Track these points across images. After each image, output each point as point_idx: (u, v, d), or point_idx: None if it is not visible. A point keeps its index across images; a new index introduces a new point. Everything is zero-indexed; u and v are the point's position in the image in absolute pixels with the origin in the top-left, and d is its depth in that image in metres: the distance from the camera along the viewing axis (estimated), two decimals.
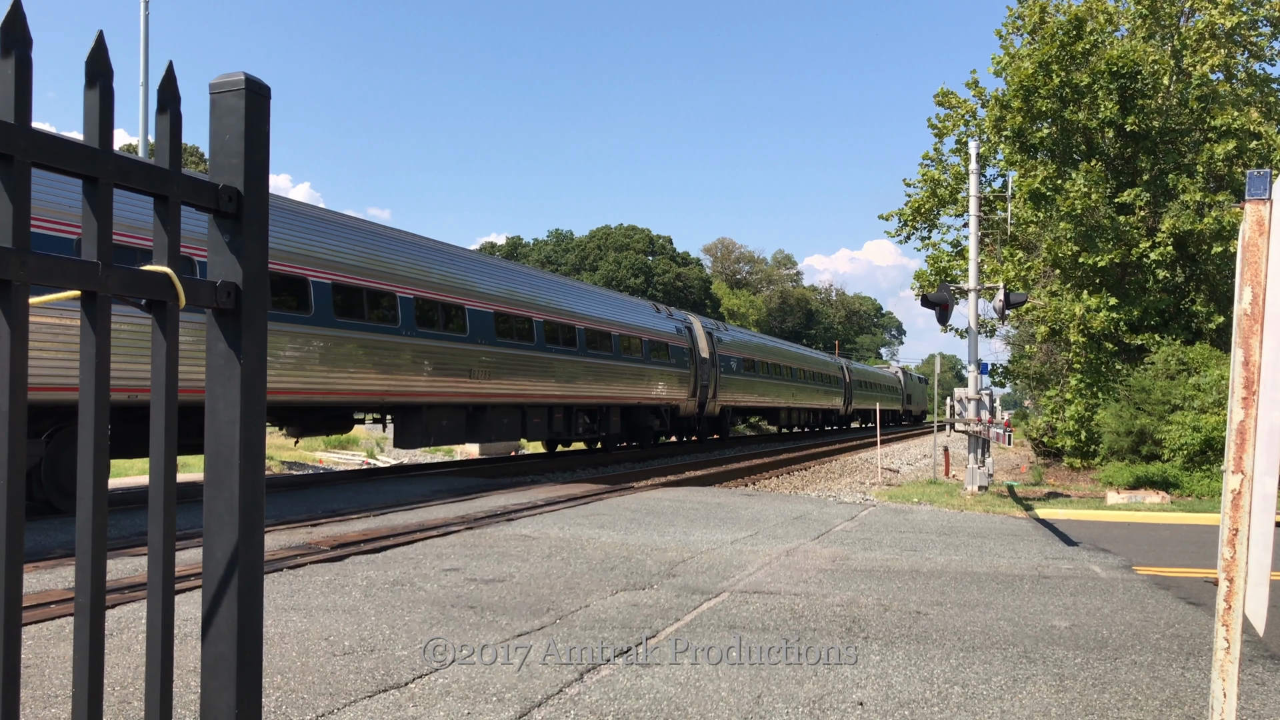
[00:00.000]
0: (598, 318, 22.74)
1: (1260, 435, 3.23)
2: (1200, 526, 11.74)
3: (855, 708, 4.01)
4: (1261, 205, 3.24)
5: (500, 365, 18.08)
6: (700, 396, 29.07)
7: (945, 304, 16.68)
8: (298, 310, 13.19)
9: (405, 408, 16.10)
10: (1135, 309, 21.93)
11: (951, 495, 15.31)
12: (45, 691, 3.98)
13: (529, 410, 19.66)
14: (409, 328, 15.44)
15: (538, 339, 19.58)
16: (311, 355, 13.42)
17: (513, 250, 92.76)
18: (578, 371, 21.24)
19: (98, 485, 1.54)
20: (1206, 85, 22.58)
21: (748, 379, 33.56)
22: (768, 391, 36.08)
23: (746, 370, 33.54)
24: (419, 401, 15.90)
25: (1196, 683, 4.50)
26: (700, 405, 29.26)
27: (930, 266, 26.40)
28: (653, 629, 5.29)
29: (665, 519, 10.39)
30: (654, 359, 25.53)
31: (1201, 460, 16.98)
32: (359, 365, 14.35)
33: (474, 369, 17.18)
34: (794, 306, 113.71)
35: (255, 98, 1.74)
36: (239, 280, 1.73)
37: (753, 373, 34.27)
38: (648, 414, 26.07)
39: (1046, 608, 6.22)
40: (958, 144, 26.93)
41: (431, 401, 16.23)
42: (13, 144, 1.40)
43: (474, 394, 17.32)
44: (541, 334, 19.76)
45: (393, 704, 3.90)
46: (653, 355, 25.45)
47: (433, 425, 16.64)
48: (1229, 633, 3.21)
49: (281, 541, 7.96)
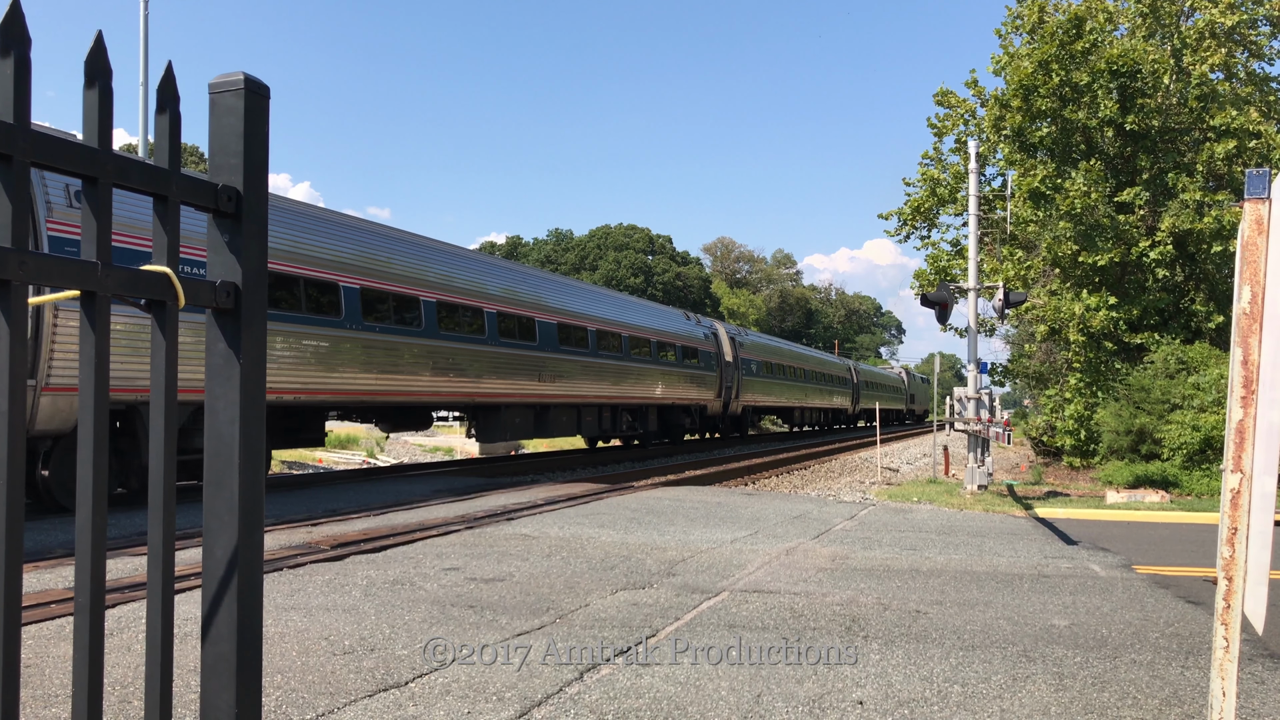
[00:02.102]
0: (639, 325, 25.12)
1: (1259, 434, 3.23)
2: (1199, 525, 11.75)
3: (855, 707, 4.01)
4: (1260, 204, 3.24)
5: (561, 370, 20.43)
6: (725, 397, 31.16)
7: (945, 303, 16.68)
8: (411, 325, 15.65)
9: (486, 407, 18.41)
10: (1135, 308, 21.93)
11: (951, 494, 15.31)
12: (45, 691, 3.98)
13: (583, 409, 22.07)
14: (493, 338, 17.97)
15: (591, 346, 21.94)
16: (422, 361, 15.84)
17: (512, 250, 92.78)
18: (623, 375, 23.59)
19: (97, 485, 1.55)
20: (1206, 84, 22.57)
21: (766, 380, 35.54)
22: (784, 393, 38.05)
23: (765, 372, 35.56)
24: (498, 402, 18.37)
25: (1196, 681, 4.50)
26: (725, 405, 31.37)
27: (930, 266, 26.41)
28: (653, 628, 5.30)
29: (665, 518, 10.39)
30: (686, 363, 27.82)
31: (1201, 459, 16.99)
32: (458, 370, 16.84)
33: (541, 373, 19.63)
34: (793, 306, 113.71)
35: (254, 97, 1.74)
36: (238, 280, 1.73)
37: (771, 375, 36.24)
38: (680, 413, 28.43)
39: (1046, 607, 6.22)
40: (957, 143, 26.93)
41: (508, 402, 18.70)
42: (12, 144, 1.41)
43: (541, 395, 19.77)
44: (595, 342, 22.14)
45: (393, 703, 3.90)
46: (685, 360, 27.76)
47: (509, 423, 18.95)
48: (1228, 631, 3.21)
49: (281, 541, 7.97)
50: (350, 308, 14.14)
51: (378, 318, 14.77)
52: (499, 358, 18.04)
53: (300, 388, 13.23)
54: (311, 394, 13.44)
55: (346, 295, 14.08)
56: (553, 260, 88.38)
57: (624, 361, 23.51)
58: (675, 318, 28.96)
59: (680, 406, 28.08)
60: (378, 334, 14.69)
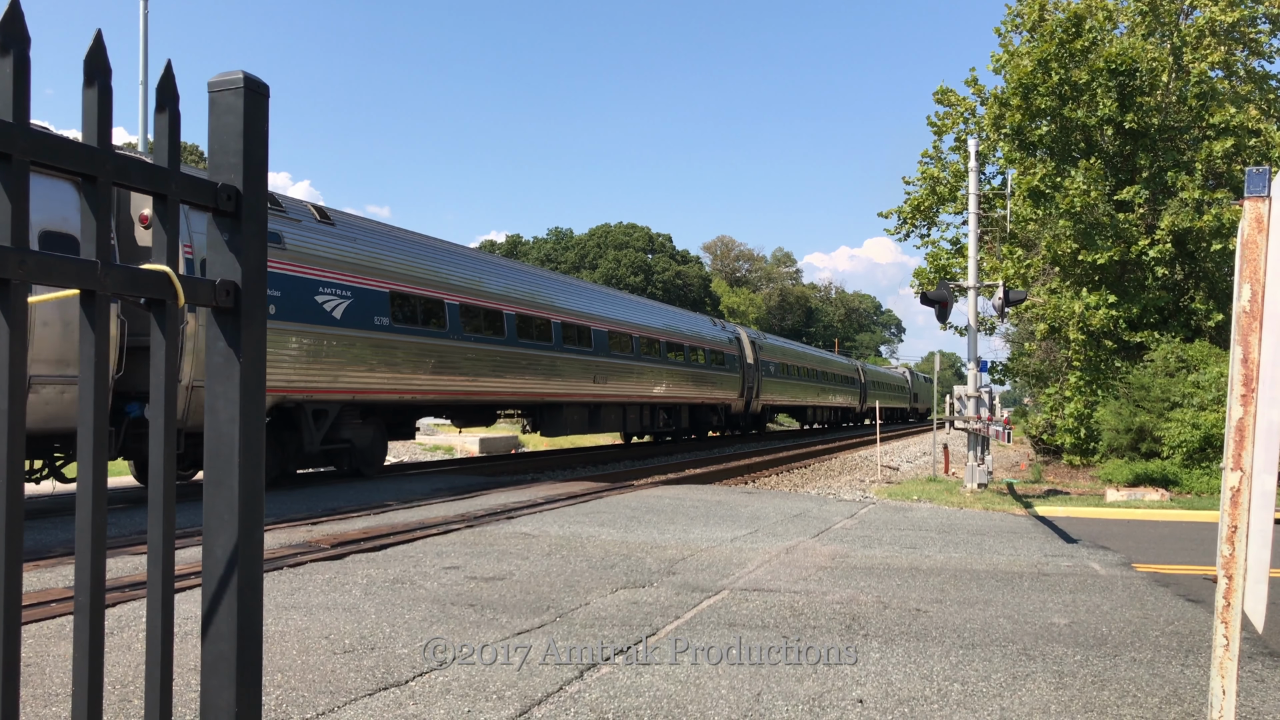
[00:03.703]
0: (675, 331, 27.73)
1: (1259, 432, 3.23)
2: (1199, 524, 11.75)
3: (855, 705, 4.01)
4: (1260, 202, 3.24)
5: (611, 372, 22.83)
6: (746, 396, 33.61)
7: (945, 302, 16.68)
8: (496, 334, 17.88)
9: (551, 405, 20.72)
10: (1134, 306, 21.92)
11: (951, 493, 15.31)
12: (46, 690, 3.98)
13: (628, 408, 24.59)
14: (558, 345, 20.21)
15: (635, 351, 24.38)
16: (505, 366, 18.11)
17: (512, 249, 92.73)
18: (661, 377, 26.07)
19: (97, 485, 1.54)
20: (1206, 82, 22.56)
21: (782, 381, 38.09)
22: (799, 393, 40.62)
23: (781, 374, 38.13)
24: (561, 401, 20.67)
25: (1196, 680, 4.50)
26: (746, 404, 33.82)
27: (930, 264, 26.41)
28: (653, 627, 5.30)
29: (665, 517, 10.39)
30: (714, 366, 30.34)
31: (1201, 457, 16.99)
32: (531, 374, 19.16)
33: (595, 375, 21.94)
34: (793, 304, 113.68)
35: (254, 96, 1.74)
36: (238, 279, 1.73)
37: (786, 376, 38.79)
38: (708, 411, 31.08)
39: (1046, 605, 6.22)
40: (957, 142, 26.93)
41: (569, 401, 21.06)
42: (11, 143, 1.40)
43: (595, 395, 22.15)
44: (639, 347, 24.64)
45: (393, 702, 3.90)
46: (713, 363, 30.27)
47: (569, 419, 21.44)
48: (1228, 630, 3.21)
49: (282, 540, 7.96)
50: (453, 321, 16.47)
51: (473, 329, 17.11)
52: (563, 362, 20.36)
53: (417, 389, 15.67)
54: (422, 394, 15.81)
55: (450, 311, 16.46)
56: (552, 259, 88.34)
57: (662, 365, 26.03)
58: (704, 324, 31.41)
59: (708, 405, 30.59)
60: (473, 343, 17.02)
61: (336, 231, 14.30)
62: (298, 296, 12.96)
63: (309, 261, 13.28)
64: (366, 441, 15.08)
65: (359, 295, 14.12)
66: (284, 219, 13.25)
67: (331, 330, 13.52)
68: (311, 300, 13.19)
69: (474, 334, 17.01)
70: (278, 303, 12.54)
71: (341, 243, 14.22)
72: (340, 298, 13.74)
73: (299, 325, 12.92)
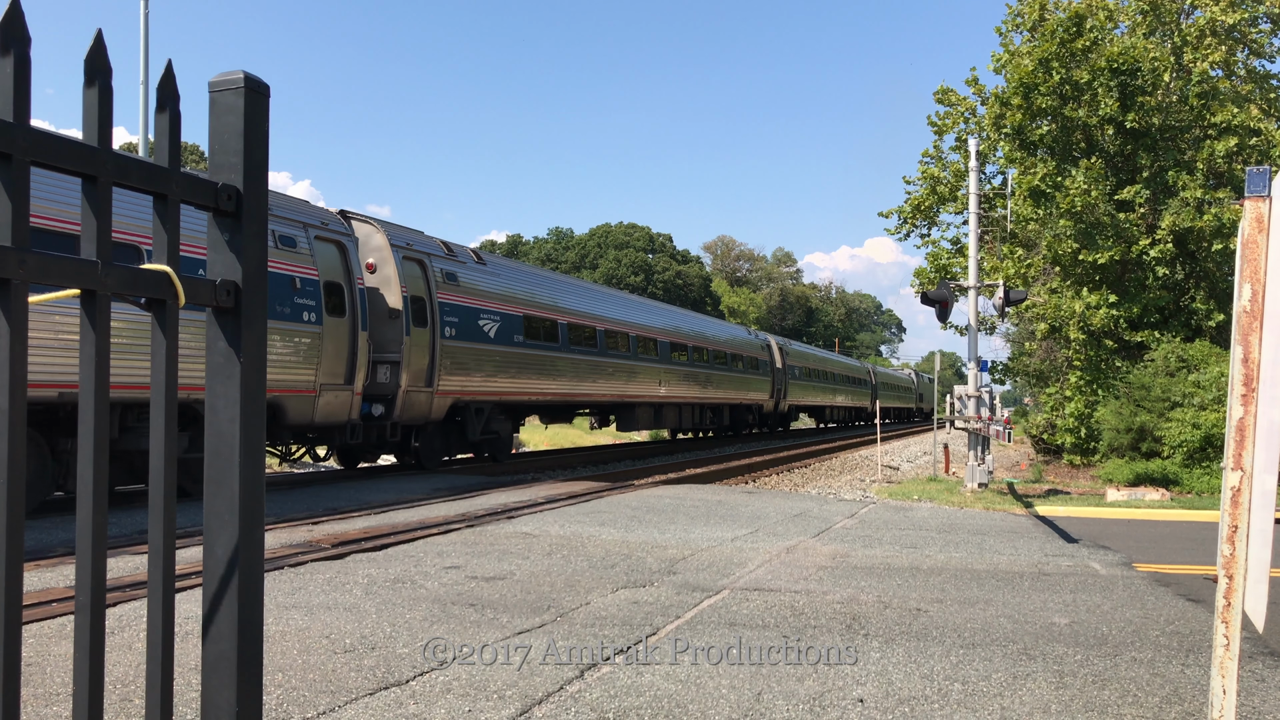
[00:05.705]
0: (720, 338, 31.92)
1: (1260, 432, 3.23)
2: (1200, 523, 11.74)
3: (855, 705, 4.01)
4: (1261, 202, 3.24)
5: (671, 376, 26.56)
6: (775, 398, 37.91)
7: (945, 301, 16.68)
8: (591, 346, 21.67)
9: (626, 405, 25.01)
10: (1135, 306, 21.92)
11: (951, 492, 15.31)
12: (46, 689, 3.98)
13: (683, 408, 28.54)
14: (633, 354, 24.14)
15: (690, 359, 28.22)
16: (596, 372, 21.76)
17: (513, 248, 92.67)
18: (709, 381, 29.78)
19: (98, 484, 1.55)
20: (1207, 82, 22.55)
21: (805, 384, 42.30)
22: (818, 394, 45.09)
23: (804, 377, 42.30)
24: (633, 401, 24.66)
25: (1196, 679, 4.50)
26: (775, 404, 38.13)
27: (930, 264, 26.41)
28: (653, 626, 5.30)
29: (666, 516, 10.39)
30: (750, 370, 34.54)
31: (1201, 457, 16.99)
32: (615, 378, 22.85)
33: (660, 379, 25.83)
34: (794, 304, 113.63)
35: (254, 96, 1.74)
36: (238, 278, 1.73)
37: (808, 379, 43.06)
38: (745, 411, 35.51)
39: (1046, 605, 6.22)
40: (958, 141, 26.93)
41: (639, 401, 24.97)
42: (12, 142, 1.40)
43: (659, 396, 25.93)
44: (692, 354, 28.41)
45: (394, 701, 3.90)
46: (749, 368, 34.47)
47: (640, 417, 25.80)
48: (1228, 629, 3.21)
49: (282, 539, 7.97)
50: (564, 337, 20.40)
51: (576, 342, 20.91)
52: (637, 369, 24.21)
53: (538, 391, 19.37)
54: (540, 396, 19.67)
55: (561, 329, 20.33)
56: (553, 259, 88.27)
57: (710, 370, 29.91)
58: (742, 333, 36.29)
59: (745, 406, 34.90)
60: (576, 354, 20.89)
61: (488, 270, 18.27)
62: (468, 322, 16.77)
63: (473, 295, 17.25)
64: (507, 433, 18.95)
65: (504, 319, 17.98)
66: (455, 262, 17.13)
67: (488, 347, 17.39)
68: (476, 324, 17.08)
69: (577, 346, 20.92)
70: (456, 327, 16.35)
71: (492, 279, 18.18)
72: (493, 321, 17.63)
73: (469, 344, 16.78)
